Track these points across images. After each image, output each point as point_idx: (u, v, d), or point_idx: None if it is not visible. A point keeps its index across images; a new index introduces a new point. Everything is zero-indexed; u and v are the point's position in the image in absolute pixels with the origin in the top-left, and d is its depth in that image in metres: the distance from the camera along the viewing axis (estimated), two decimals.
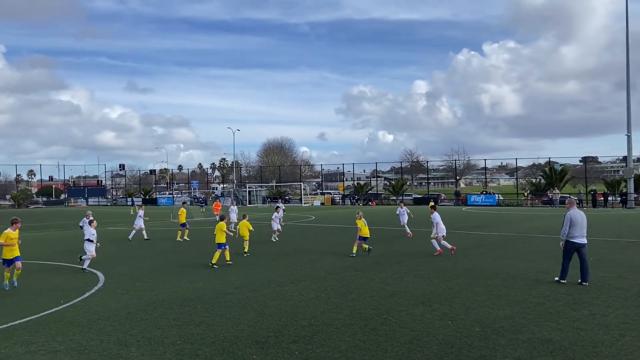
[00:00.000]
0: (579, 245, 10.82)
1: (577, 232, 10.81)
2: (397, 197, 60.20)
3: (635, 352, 6.35)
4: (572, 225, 10.83)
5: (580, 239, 10.83)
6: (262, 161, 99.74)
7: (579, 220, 10.84)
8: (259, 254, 16.69)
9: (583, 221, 10.86)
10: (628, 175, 45.49)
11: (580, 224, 10.83)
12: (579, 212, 11.00)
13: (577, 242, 10.81)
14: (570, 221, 10.84)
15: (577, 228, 10.81)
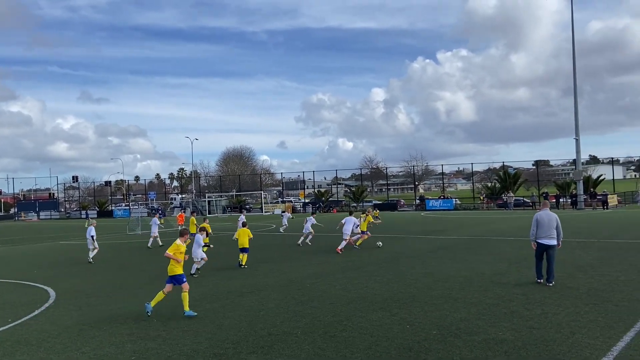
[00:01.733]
0: (545, 246, 10.95)
1: (543, 233, 10.97)
2: (358, 204, 60.67)
3: (585, 349, 6.57)
4: (538, 227, 11.04)
5: (546, 239, 10.94)
6: (222, 170, 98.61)
7: (545, 221, 10.97)
8: (217, 265, 16.43)
9: (550, 222, 10.94)
10: (577, 177, 47.43)
11: (546, 225, 10.95)
12: (547, 214, 11.12)
13: (542, 242, 10.97)
14: (537, 222, 11.07)
15: (543, 229, 10.96)
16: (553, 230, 10.93)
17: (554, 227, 10.94)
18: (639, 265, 12.96)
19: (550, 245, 10.93)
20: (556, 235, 10.96)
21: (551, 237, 10.94)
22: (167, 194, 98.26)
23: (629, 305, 8.74)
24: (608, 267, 12.84)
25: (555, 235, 10.95)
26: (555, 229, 10.95)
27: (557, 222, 10.99)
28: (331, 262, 15.77)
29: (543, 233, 10.98)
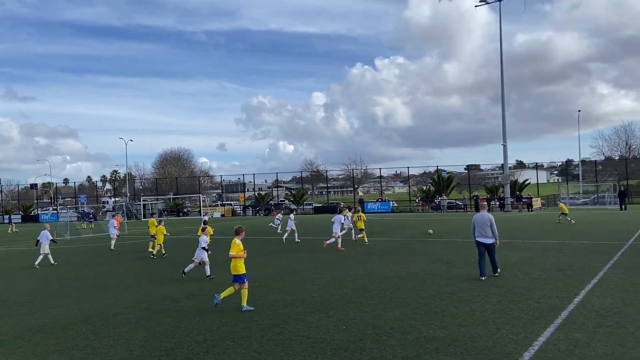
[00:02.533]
0: (482, 244, 12.08)
1: (479, 232, 12.16)
2: (298, 207, 60.77)
3: (509, 344, 6.95)
4: (475, 227, 12.28)
5: (482, 238, 12.08)
6: (158, 173, 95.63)
7: (480, 222, 12.16)
8: (153, 270, 15.96)
9: (484, 222, 12.09)
10: (505, 181, 49.98)
11: (480, 224, 12.15)
12: (482, 215, 12.28)
13: (480, 240, 12.13)
14: (473, 223, 12.38)
15: (479, 229, 12.16)
16: (488, 229, 12.03)
17: (488, 227, 12.03)
18: (558, 264, 13.85)
19: (485, 243, 12.08)
20: (491, 233, 12.02)
21: (487, 235, 12.05)
22: (98, 197, 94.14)
23: (549, 302, 9.32)
24: (531, 266, 13.63)
25: (490, 234, 12.03)
26: (489, 228, 12.03)
27: (490, 222, 12.07)
28: (270, 266, 15.74)
29: (479, 232, 12.18)
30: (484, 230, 12.09)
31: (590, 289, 10.31)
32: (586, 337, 7.08)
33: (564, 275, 12.02)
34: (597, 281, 11.16)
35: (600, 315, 8.24)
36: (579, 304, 9.07)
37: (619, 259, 14.39)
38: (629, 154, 74.95)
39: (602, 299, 9.41)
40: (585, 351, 6.48)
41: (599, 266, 13.14)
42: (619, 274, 11.99)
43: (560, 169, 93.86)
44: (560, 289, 10.43)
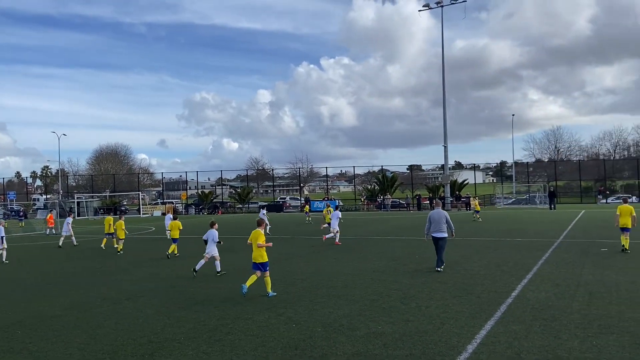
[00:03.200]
0: (437, 239, 13.01)
1: (434, 228, 13.03)
2: (244, 206, 60.05)
3: (453, 337, 7.20)
4: (431, 223, 13.10)
5: (436, 233, 13.00)
6: (94, 169, 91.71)
7: (436, 218, 13.05)
8: (90, 270, 15.31)
9: (440, 219, 12.97)
10: (445, 181, 51.75)
11: (436, 221, 13.01)
12: (437, 212, 13.19)
13: (434, 235, 13.05)
14: (430, 219, 13.17)
15: (435, 225, 13.01)
16: (443, 225, 12.97)
17: (444, 223, 12.97)
18: (496, 260, 14.50)
19: (440, 237, 12.98)
20: (446, 228, 13.01)
21: (441, 230, 12.97)
22: (29, 194, 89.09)
23: (489, 297, 9.74)
24: (471, 263, 14.19)
25: (444, 229, 12.99)
26: (445, 224, 12.99)
27: (446, 218, 13.04)
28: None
29: (434, 228, 13.05)
30: (440, 226, 12.96)
31: (526, 284, 10.86)
32: (524, 329, 7.46)
33: (502, 271, 12.60)
34: (531, 276, 11.78)
35: (536, 308, 8.70)
36: (516, 298, 9.54)
37: (550, 255, 15.25)
38: (558, 156, 79.63)
39: (537, 293, 9.94)
40: (523, 343, 6.83)
41: (532, 262, 13.86)
42: (550, 269, 12.71)
43: (495, 170, 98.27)
44: (498, 284, 10.93)
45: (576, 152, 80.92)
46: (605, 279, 11.25)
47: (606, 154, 78.82)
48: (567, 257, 14.77)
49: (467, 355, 6.42)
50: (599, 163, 69.30)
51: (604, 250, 16.00)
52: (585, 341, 6.83)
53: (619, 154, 79.37)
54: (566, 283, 10.83)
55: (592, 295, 9.63)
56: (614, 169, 70.38)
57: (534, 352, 6.46)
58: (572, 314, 8.27)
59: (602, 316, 8.07)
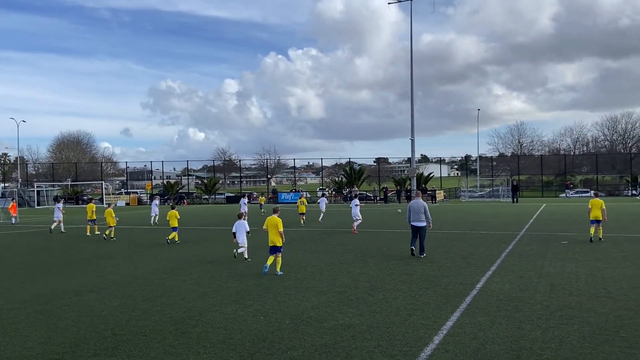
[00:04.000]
0: (415, 227, 14.06)
1: (414, 217, 14.05)
2: (210, 197, 59.37)
3: (420, 329, 7.29)
4: (411, 212, 14.13)
5: (416, 222, 14.01)
6: (55, 157, 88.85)
7: (415, 208, 14.08)
8: (50, 261, 14.83)
9: (419, 209, 14.02)
10: (412, 174, 52.27)
11: (415, 210, 14.04)
12: (416, 202, 14.25)
13: (414, 224, 14.08)
14: (409, 209, 14.23)
15: (414, 214, 14.05)
16: (422, 214, 13.96)
17: (422, 212, 13.98)
18: (461, 253, 14.77)
19: (420, 226, 14.03)
20: (425, 218, 13.97)
21: (420, 220, 13.97)
22: None
23: (454, 289, 9.91)
24: (437, 255, 14.40)
25: (423, 218, 13.97)
26: (423, 214, 13.95)
27: (424, 208, 14.05)
28: (180, 257, 15.25)
29: (414, 217, 14.05)
30: (419, 216, 13.95)
31: (490, 276, 11.10)
32: (489, 320, 7.62)
33: (467, 263, 12.84)
34: (495, 268, 12.05)
35: (500, 300, 8.90)
36: (481, 290, 9.74)
37: (513, 247, 15.64)
38: (520, 151, 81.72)
39: (501, 284, 10.17)
40: (488, 334, 6.97)
41: (496, 254, 14.19)
42: (514, 261, 13.03)
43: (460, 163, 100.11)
44: (464, 276, 11.13)
45: (538, 147, 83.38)
46: (565, 270, 11.61)
47: (567, 149, 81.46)
48: (530, 249, 15.18)
49: (433, 346, 6.51)
50: (559, 158, 71.56)
51: (564, 242, 16.52)
52: (548, 332, 7.02)
53: (578, 150, 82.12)
54: (529, 275, 11.12)
55: (553, 286, 9.92)
56: (574, 164, 72.76)
57: (498, 342, 6.60)
58: (535, 305, 8.50)
59: (563, 307, 8.31)
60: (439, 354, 6.23)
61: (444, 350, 6.33)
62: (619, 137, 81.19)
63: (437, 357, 6.10)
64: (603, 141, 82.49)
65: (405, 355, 6.21)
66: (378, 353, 6.29)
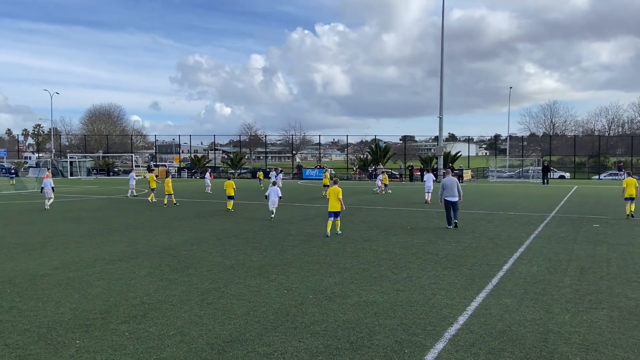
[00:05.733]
0: (451, 202, 15.40)
1: (448, 193, 15.44)
2: (236, 171, 59.85)
3: (444, 309, 7.24)
4: (445, 189, 15.49)
5: (450, 197, 15.45)
6: (87, 129, 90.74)
7: (449, 184, 15.46)
8: (81, 230, 15.24)
9: (452, 185, 15.44)
10: (439, 153, 51.64)
11: (449, 187, 15.44)
12: (450, 179, 15.64)
13: (448, 199, 15.45)
14: (443, 186, 15.59)
15: (448, 190, 15.43)
16: (455, 190, 15.43)
17: (456, 188, 15.44)
18: (487, 233, 14.56)
19: (453, 201, 15.44)
20: (457, 193, 15.46)
21: (453, 195, 15.45)
22: (20, 152, 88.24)
23: (480, 269, 9.79)
24: (463, 234, 14.24)
25: (456, 194, 15.46)
26: (456, 189, 15.42)
27: (457, 185, 15.56)
28: (207, 229, 15.47)
29: (448, 193, 15.46)
30: (452, 191, 15.36)
31: (518, 258, 10.92)
32: (515, 302, 7.50)
33: (494, 244, 12.65)
34: (523, 250, 11.84)
35: (527, 282, 8.75)
36: (508, 271, 9.59)
37: (542, 229, 15.34)
38: (553, 131, 79.61)
39: (529, 267, 10.00)
40: (515, 316, 6.86)
41: (524, 236, 13.94)
42: (542, 243, 12.78)
43: (489, 143, 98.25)
44: (490, 257, 10.98)
45: (572, 128, 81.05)
46: (596, 254, 11.33)
47: (601, 130, 78.95)
48: (559, 232, 14.86)
49: (458, 326, 6.45)
50: (593, 139, 69.44)
51: (595, 226, 16.11)
52: (577, 316, 6.88)
53: (613, 131, 79.54)
54: (558, 258, 10.90)
55: (583, 270, 9.70)
56: (608, 146, 70.59)
57: (525, 325, 6.50)
58: (564, 288, 8.33)
59: (593, 291, 8.12)
60: (463, 334, 6.18)
61: (468, 331, 6.27)
62: None
63: (462, 338, 6.05)
64: (639, 122, 79.63)
65: (428, 334, 6.18)
66: (401, 331, 6.27)
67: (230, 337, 6.07)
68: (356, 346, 5.78)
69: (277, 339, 5.99)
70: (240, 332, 6.23)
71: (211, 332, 6.23)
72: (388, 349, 5.70)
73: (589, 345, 5.80)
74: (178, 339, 6.01)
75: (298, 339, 6.01)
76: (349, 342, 5.91)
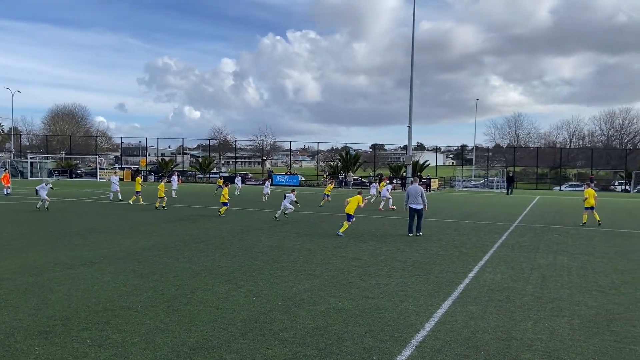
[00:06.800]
0: (414, 210, 15.68)
1: (412, 200, 15.72)
2: (205, 176, 59.15)
3: (412, 315, 7.31)
4: (409, 196, 15.80)
5: (414, 205, 15.69)
6: (49, 129, 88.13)
7: (413, 192, 15.79)
8: (42, 234, 14.76)
9: (416, 193, 15.72)
10: (408, 161, 52.29)
11: (413, 195, 15.74)
12: (414, 187, 16.06)
13: (412, 207, 15.73)
14: (408, 193, 15.98)
15: (412, 198, 15.74)
16: (419, 198, 15.66)
17: (420, 196, 15.68)
18: (454, 241, 14.81)
19: (417, 209, 15.69)
20: (422, 201, 15.62)
21: (417, 203, 15.67)
22: None
23: (446, 277, 9.93)
24: (430, 242, 14.43)
25: (420, 202, 15.64)
26: (420, 197, 15.64)
27: (421, 192, 15.82)
28: (174, 234, 15.21)
29: (412, 201, 15.72)
30: (416, 199, 15.60)
31: (483, 266, 11.14)
32: (480, 310, 7.64)
33: (460, 252, 12.87)
34: (488, 258, 12.09)
35: (492, 290, 8.93)
36: (473, 279, 9.76)
37: (506, 238, 15.70)
38: (517, 142, 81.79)
39: (493, 274, 10.21)
40: (479, 323, 6.99)
41: (489, 244, 14.23)
42: (506, 252, 13.08)
43: (456, 152, 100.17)
44: (456, 265, 11.16)
45: (535, 140, 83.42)
46: (557, 263, 11.66)
47: (563, 142, 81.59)
48: (523, 240, 15.24)
49: (425, 333, 6.53)
50: (555, 151, 71.66)
51: (557, 235, 16.59)
52: (539, 323, 7.06)
53: (574, 144, 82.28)
54: (521, 266, 11.17)
55: (545, 278, 9.96)
56: (569, 158, 72.94)
57: (489, 332, 6.62)
58: (526, 296, 8.53)
59: (555, 299, 8.36)
60: (429, 341, 6.25)
61: (434, 338, 6.35)
62: (615, 133, 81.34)
63: (428, 344, 6.12)
64: (599, 136, 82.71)
65: (396, 341, 6.22)
66: (369, 338, 6.30)
67: (197, 344, 5.98)
68: (324, 353, 5.77)
69: (244, 346, 5.92)
70: (206, 340, 6.14)
71: (177, 339, 6.12)
72: (356, 355, 5.72)
73: (550, 352, 5.95)
74: (142, 346, 5.88)
75: (266, 346, 5.96)
76: (317, 349, 5.90)
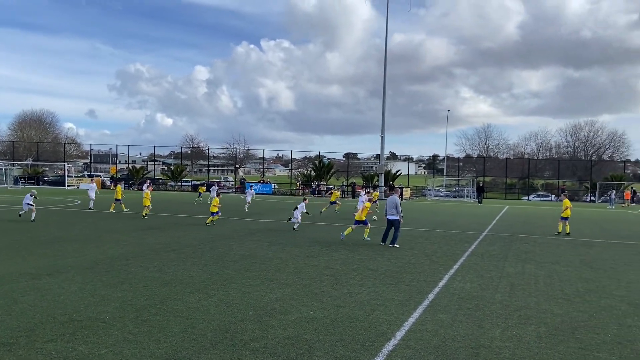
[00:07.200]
0: (390, 220, 15.72)
1: (387, 211, 15.81)
2: (176, 184, 58.37)
3: (383, 324, 7.36)
4: (387, 207, 15.90)
5: (389, 215, 15.74)
6: (16, 135, 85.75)
7: (389, 203, 15.90)
8: (5, 242, 14.32)
9: (391, 204, 15.81)
10: (380, 171, 52.81)
11: (389, 205, 15.85)
12: (391, 198, 16.03)
13: (387, 217, 15.81)
14: (386, 204, 16.05)
15: (388, 208, 15.83)
16: (394, 209, 15.68)
17: (394, 207, 15.69)
18: (425, 250, 14.98)
19: (392, 219, 15.69)
20: (396, 212, 15.59)
21: (392, 214, 15.69)
22: None
23: (417, 285, 10.04)
24: (401, 251, 14.57)
25: (395, 212, 15.62)
26: (395, 208, 15.63)
27: (396, 203, 15.77)
28: (144, 243, 14.96)
29: (387, 211, 15.80)
30: (391, 210, 15.68)
31: (453, 274, 11.30)
32: (450, 318, 7.75)
33: (430, 261, 13.03)
34: (458, 267, 12.27)
35: (461, 298, 9.07)
36: (443, 288, 9.90)
37: (476, 247, 15.97)
38: (487, 153, 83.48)
39: (463, 283, 10.37)
40: (449, 331, 7.09)
41: (459, 253, 14.46)
42: (476, 260, 13.31)
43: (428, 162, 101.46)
44: (427, 274, 11.29)
45: (504, 150, 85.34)
46: (525, 272, 11.92)
47: (531, 153, 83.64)
48: (492, 249, 15.53)
49: (395, 342, 6.58)
50: (523, 162, 73.37)
51: (525, 244, 16.96)
52: (506, 331, 7.20)
53: (542, 155, 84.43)
54: (490, 275, 11.38)
55: (513, 287, 10.17)
56: (537, 168, 74.80)
57: (458, 340, 6.72)
58: (495, 304, 8.69)
59: (522, 307, 8.54)
60: (400, 349, 6.30)
61: (405, 347, 6.41)
62: (581, 144, 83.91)
63: (399, 353, 6.17)
64: (566, 147, 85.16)
65: (367, 350, 6.25)
66: (340, 347, 6.32)
67: (166, 355, 5.89)
68: None
69: (215, 357, 5.86)
70: (176, 350, 6.05)
71: (145, 351, 6.01)
72: None
73: None
74: (110, 358, 5.76)
75: (237, 356, 5.91)
76: (288, 358, 5.88)
